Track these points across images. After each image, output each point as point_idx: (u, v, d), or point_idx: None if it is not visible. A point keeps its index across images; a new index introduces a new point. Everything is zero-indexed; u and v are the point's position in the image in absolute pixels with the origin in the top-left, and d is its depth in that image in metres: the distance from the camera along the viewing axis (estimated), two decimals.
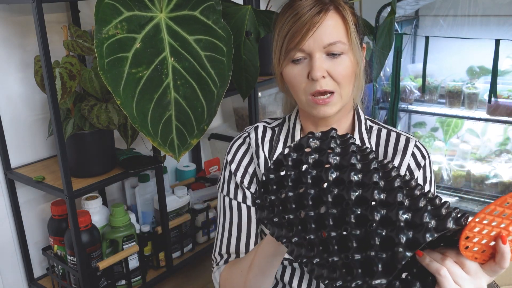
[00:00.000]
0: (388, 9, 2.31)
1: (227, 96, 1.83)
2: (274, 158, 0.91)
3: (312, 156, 0.74)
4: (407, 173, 1.02)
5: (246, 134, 1.09)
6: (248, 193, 1.05)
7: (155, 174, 1.67)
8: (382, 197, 0.67)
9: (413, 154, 1.02)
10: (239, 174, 1.06)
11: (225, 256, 1.05)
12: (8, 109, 1.56)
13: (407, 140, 1.03)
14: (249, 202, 1.05)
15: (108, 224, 1.64)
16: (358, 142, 1.02)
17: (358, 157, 0.72)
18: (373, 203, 0.66)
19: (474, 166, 2.64)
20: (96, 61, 1.17)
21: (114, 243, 1.63)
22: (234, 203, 1.06)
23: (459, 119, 2.68)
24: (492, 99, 2.33)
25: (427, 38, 2.40)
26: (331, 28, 0.91)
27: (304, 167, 0.73)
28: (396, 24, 2.46)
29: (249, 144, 1.07)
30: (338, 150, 0.74)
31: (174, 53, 1.25)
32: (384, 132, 1.05)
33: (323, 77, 0.93)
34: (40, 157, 1.68)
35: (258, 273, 0.91)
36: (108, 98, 1.50)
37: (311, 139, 0.77)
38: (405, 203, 0.65)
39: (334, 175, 0.70)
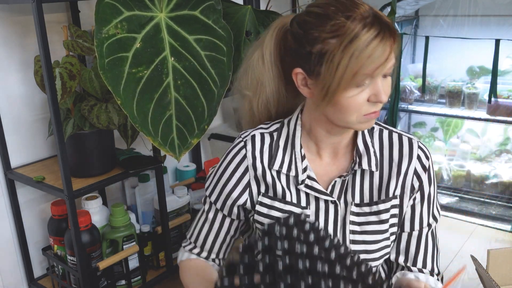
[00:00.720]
0: (388, 9, 2.31)
1: (227, 96, 1.83)
2: (225, 261, 0.92)
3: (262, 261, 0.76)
4: (415, 177, 1.01)
5: (243, 145, 1.03)
6: (235, 209, 1.04)
7: (155, 174, 1.66)
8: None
9: (418, 157, 1.01)
10: (229, 187, 1.03)
11: (197, 250, 1.09)
12: (8, 109, 1.56)
13: (410, 142, 1.02)
14: (233, 216, 1.05)
15: (108, 224, 1.64)
16: (362, 147, 1.00)
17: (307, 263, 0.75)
18: None
19: (474, 166, 2.64)
20: (96, 61, 1.17)
21: (114, 243, 1.63)
22: (220, 214, 1.06)
23: (459, 119, 2.68)
24: (492, 99, 2.33)
25: (427, 38, 2.40)
26: (393, 53, 0.89)
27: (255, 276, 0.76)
28: (396, 24, 2.46)
29: (245, 156, 1.03)
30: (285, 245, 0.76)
31: (174, 52, 1.25)
32: (385, 133, 1.04)
33: None
34: (40, 157, 1.68)
35: None
36: (108, 98, 1.50)
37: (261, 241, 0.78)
38: None
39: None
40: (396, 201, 1.01)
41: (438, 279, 1.06)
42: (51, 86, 1.28)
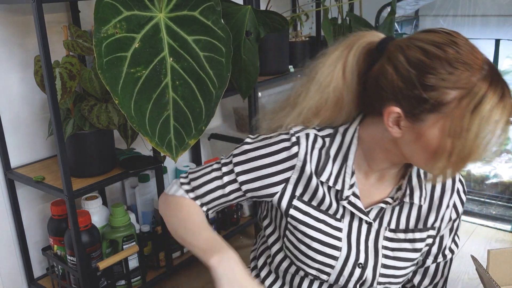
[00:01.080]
0: (388, 9, 2.31)
1: (227, 96, 1.83)
2: None
3: None
4: (453, 210, 1.00)
5: (295, 141, 0.94)
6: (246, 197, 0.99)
7: (155, 174, 1.67)
8: None
9: (458, 191, 1.00)
10: (263, 173, 0.96)
11: (193, 195, 1.02)
12: (8, 109, 1.57)
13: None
14: (247, 193, 0.98)
15: (108, 224, 1.64)
16: (415, 180, 0.96)
17: None
18: None
19: (474, 166, 2.64)
20: (96, 60, 1.17)
21: (114, 243, 1.63)
22: (235, 185, 0.98)
23: None
24: None
25: None
26: None
27: None
28: (396, 24, 2.46)
29: (296, 154, 0.94)
30: None
31: (173, 53, 1.25)
32: None
33: None
34: (40, 157, 1.68)
35: (190, 238, 0.95)
36: (108, 98, 1.50)
37: None
38: None
39: None
40: (433, 232, 1.00)
41: None
42: (51, 86, 1.29)
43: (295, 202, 0.96)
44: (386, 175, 0.97)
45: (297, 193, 0.96)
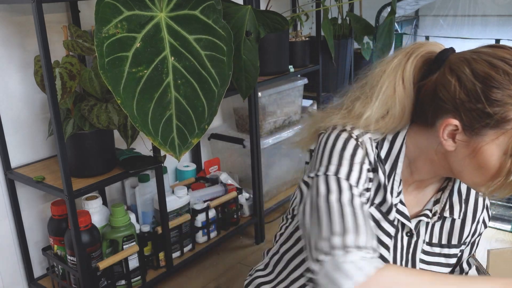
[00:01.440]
0: (388, 9, 2.31)
1: (227, 96, 1.83)
2: None
3: None
4: (482, 226, 1.01)
5: (357, 144, 0.87)
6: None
7: (155, 174, 1.66)
8: None
9: (487, 207, 1.01)
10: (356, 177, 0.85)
11: (367, 252, 0.73)
12: (8, 109, 1.56)
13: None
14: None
15: (108, 224, 1.64)
16: (456, 196, 0.95)
17: None
18: None
19: None
20: (96, 61, 1.17)
21: (114, 243, 1.62)
22: (357, 200, 0.81)
23: None
24: None
25: (427, 38, 2.40)
26: None
27: None
28: (396, 24, 2.46)
29: (370, 162, 0.88)
30: None
31: (174, 52, 1.25)
32: None
33: None
34: (40, 157, 1.68)
35: None
36: (108, 98, 1.50)
37: None
38: None
39: None
40: (464, 247, 1.00)
41: None
42: (51, 86, 1.28)
43: (372, 210, 0.90)
44: (424, 185, 0.94)
45: (377, 201, 0.90)
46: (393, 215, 0.90)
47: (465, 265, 1.05)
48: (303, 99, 2.44)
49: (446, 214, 0.95)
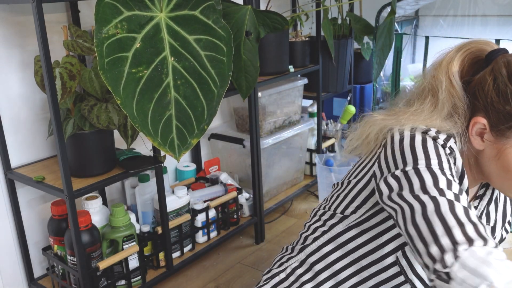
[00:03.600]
0: (388, 9, 2.31)
1: (227, 96, 1.83)
2: None
3: None
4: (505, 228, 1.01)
5: (449, 151, 0.84)
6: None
7: (155, 174, 1.66)
8: None
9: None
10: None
11: (479, 240, 0.69)
12: (8, 109, 1.56)
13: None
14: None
15: (108, 224, 1.64)
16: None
17: None
18: None
19: None
20: (96, 61, 1.17)
21: (114, 243, 1.63)
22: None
23: None
24: None
25: (427, 38, 2.40)
26: None
27: None
28: (396, 24, 2.46)
29: (454, 163, 0.84)
30: None
31: (174, 52, 1.25)
32: None
33: None
34: (40, 157, 1.68)
35: None
36: (108, 98, 1.50)
37: None
38: None
39: None
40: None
41: None
42: (51, 86, 1.28)
43: None
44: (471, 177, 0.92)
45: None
46: None
47: None
48: (303, 99, 2.44)
49: (484, 222, 0.93)
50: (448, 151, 0.83)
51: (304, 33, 2.47)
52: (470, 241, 0.68)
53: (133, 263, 1.66)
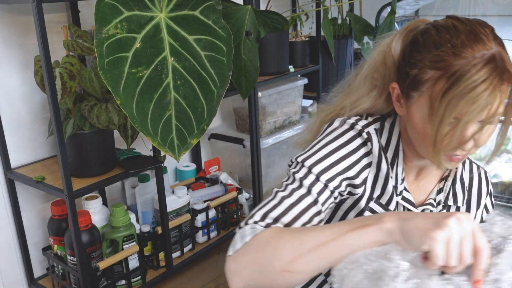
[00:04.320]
0: (388, 9, 2.31)
1: (227, 96, 1.83)
2: None
3: None
4: (485, 211, 1.00)
5: (367, 137, 0.88)
6: (343, 183, 0.87)
7: (155, 174, 1.66)
8: None
9: (490, 192, 1.01)
10: (343, 167, 0.87)
11: (270, 221, 0.81)
12: (8, 109, 1.56)
13: (486, 176, 1.00)
14: (335, 191, 0.87)
15: (108, 224, 1.64)
16: (459, 185, 0.95)
17: None
18: None
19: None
20: (96, 61, 1.17)
21: (114, 243, 1.63)
22: (309, 197, 0.85)
23: None
24: None
25: None
26: (497, 104, 0.78)
27: None
28: (396, 24, 2.46)
29: (370, 151, 0.89)
30: None
31: (174, 53, 1.25)
32: (467, 162, 0.99)
33: None
34: (40, 157, 1.68)
35: (328, 256, 0.71)
36: (108, 98, 1.50)
37: None
38: None
39: None
40: None
41: None
42: (51, 86, 1.29)
43: (372, 205, 0.90)
44: (425, 174, 0.94)
45: (375, 195, 0.90)
46: (393, 205, 0.90)
47: None
48: (303, 99, 2.44)
49: (450, 202, 0.95)
50: (365, 136, 0.88)
51: (304, 33, 2.47)
52: (256, 221, 0.81)
53: (133, 263, 1.66)
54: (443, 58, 0.77)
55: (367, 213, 0.89)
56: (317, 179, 0.86)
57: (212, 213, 1.96)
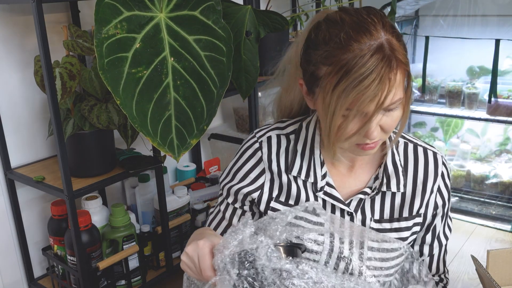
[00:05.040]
0: (388, 9, 2.31)
1: (227, 96, 1.83)
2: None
3: None
4: (438, 195, 0.99)
5: (258, 146, 1.00)
6: (246, 202, 1.03)
7: (155, 174, 1.67)
8: None
9: (442, 175, 0.99)
10: (243, 184, 1.02)
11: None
12: (8, 109, 1.56)
13: (436, 158, 0.99)
14: (245, 208, 1.04)
15: (108, 224, 1.64)
16: (391, 167, 0.96)
17: None
18: None
19: (474, 166, 2.64)
20: (96, 61, 1.17)
21: (114, 243, 1.63)
22: (230, 208, 1.06)
23: (459, 119, 2.68)
24: (492, 99, 2.34)
25: (427, 38, 2.40)
26: (394, 90, 0.79)
27: None
28: (396, 24, 2.46)
29: (261, 158, 1.00)
30: None
31: (174, 53, 1.25)
32: (411, 147, 0.99)
33: None
34: (40, 157, 1.68)
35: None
36: (108, 98, 1.50)
37: None
38: None
39: None
40: (419, 219, 0.98)
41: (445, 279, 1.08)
42: (51, 86, 1.29)
43: (273, 204, 0.99)
44: (355, 163, 0.97)
45: (274, 194, 0.98)
46: (303, 201, 0.97)
47: (442, 238, 1.03)
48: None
49: (384, 188, 0.95)
50: (256, 146, 1.00)
51: None
52: None
53: (133, 263, 1.66)
54: (332, 53, 0.80)
55: (269, 212, 0.98)
56: (227, 204, 1.05)
57: None
